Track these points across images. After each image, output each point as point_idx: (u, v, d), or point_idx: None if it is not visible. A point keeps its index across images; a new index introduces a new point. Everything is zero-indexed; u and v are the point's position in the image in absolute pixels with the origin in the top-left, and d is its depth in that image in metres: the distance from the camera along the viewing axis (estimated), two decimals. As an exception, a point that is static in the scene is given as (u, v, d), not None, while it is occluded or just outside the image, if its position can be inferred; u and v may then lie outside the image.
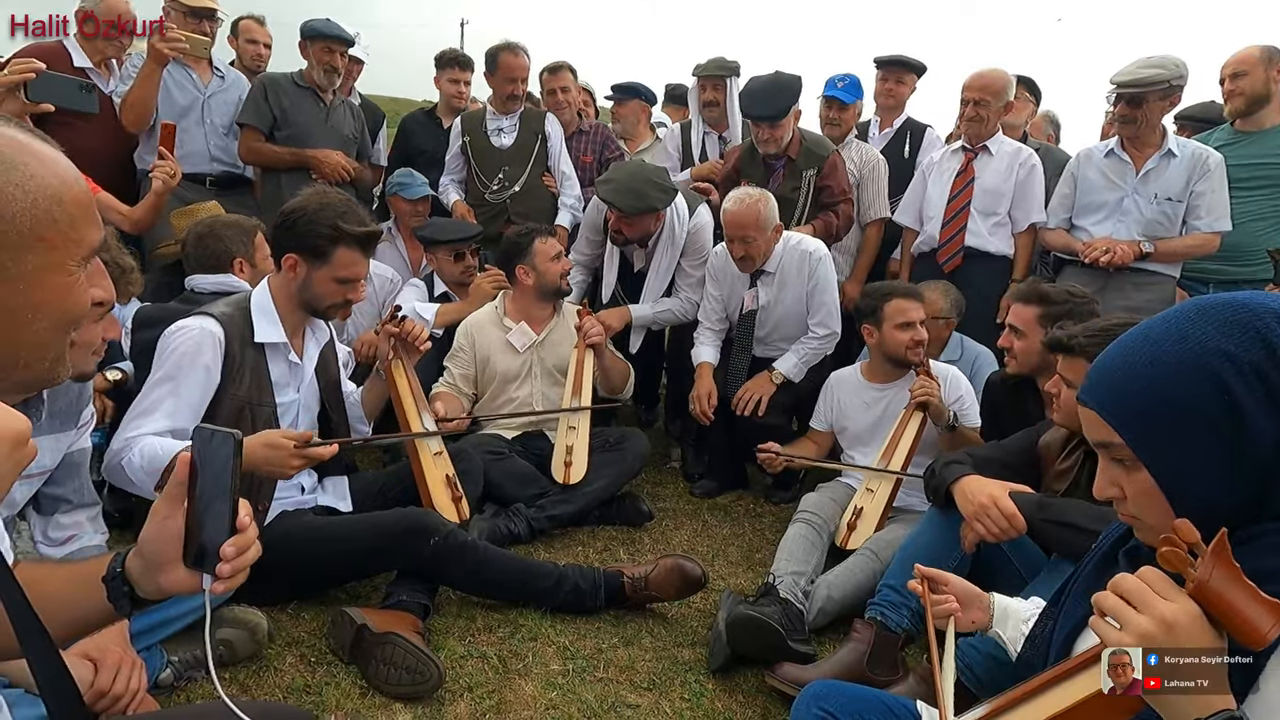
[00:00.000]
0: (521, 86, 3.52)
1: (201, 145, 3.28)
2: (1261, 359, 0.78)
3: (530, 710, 1.63)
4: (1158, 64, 2.86)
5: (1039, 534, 1.58)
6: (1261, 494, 0.78)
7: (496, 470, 2.47)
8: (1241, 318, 0.80)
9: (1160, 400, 0.81)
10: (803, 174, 3.13)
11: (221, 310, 1.83)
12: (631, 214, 2.88)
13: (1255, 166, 2.95)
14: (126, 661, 1.34)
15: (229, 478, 0.80)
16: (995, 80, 3.15)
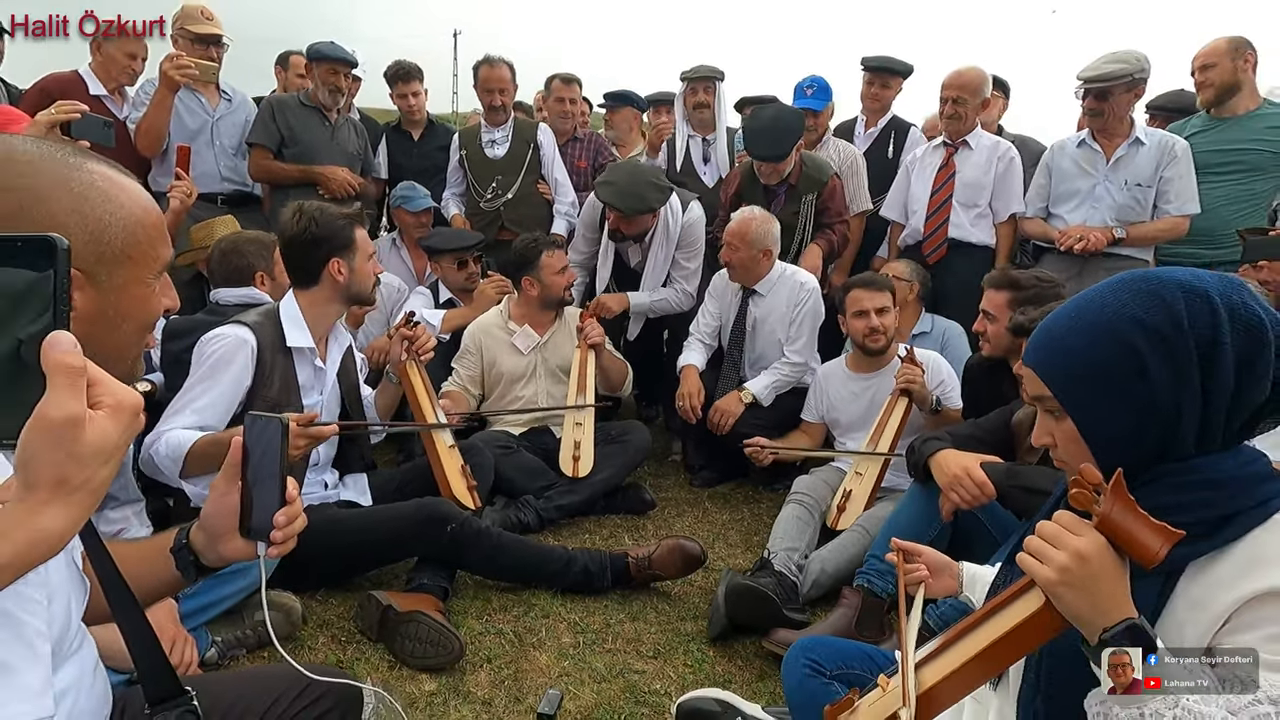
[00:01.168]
0: (501, 97, 3.65)
1: (212, 166, 3.43)
2: (1164, 324, 0.89)
3: (545, 677, 1.77)
4: (1121, 59, 3.00)
5: (1008, 499, 1.71)
6: (1164, 442, 0.91)
7: (506, 464, 2.62)
8: (1152, 288, 0.91)
9: (1081, 360, 0.94)
10: (802, 199, 3.26)
11: (254, 319, 1.98)
12: (631, 214, 3.03)
13: (1228, 152, 3.07)
14: (180, 637, 1.49)
15: (278, 457, 0.91)
16: (973, 79, 3.29)
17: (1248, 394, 0.87)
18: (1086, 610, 0.84)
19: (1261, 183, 3.05)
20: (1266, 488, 0.89)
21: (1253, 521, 0.87)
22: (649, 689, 1.75)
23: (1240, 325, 0.87)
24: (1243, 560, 0.85)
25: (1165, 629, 0.88)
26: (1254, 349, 0.86)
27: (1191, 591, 0.88)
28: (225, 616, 1.77)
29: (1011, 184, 3.29)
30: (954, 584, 1.37)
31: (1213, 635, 0.85)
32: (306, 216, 2.03)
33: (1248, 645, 0.82)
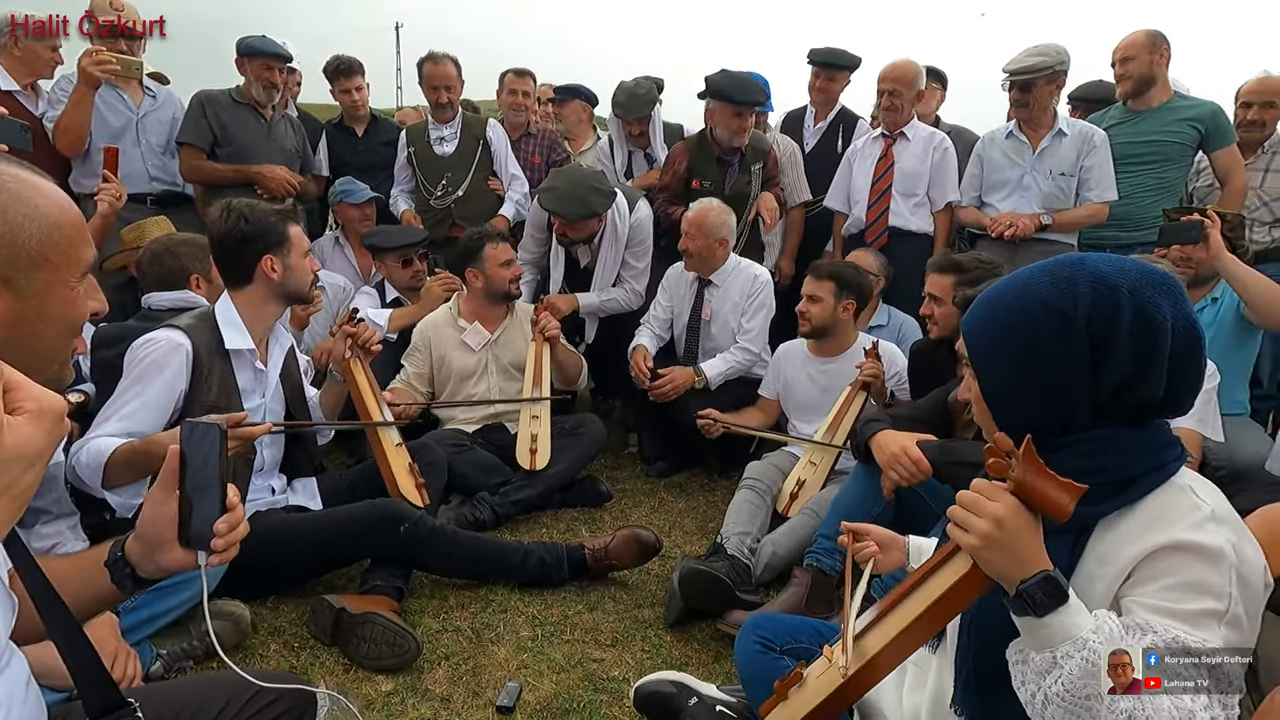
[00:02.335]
0: (447, 94, 3.62)
1: (139, 166, 3.29)
2: (1066, 307, 0.95)
3: (504, 670, 1.78)
4: (1043, 52, 3.15)
5: (943, 474, 1.79)
6: (1054, 412, 0.98)
7: (460, 461, 2.60)
8: (1069, 274, 0.97)
9: (993, 328, 1.02)
10: (751, 168, 3.34)
11: (188, 322, 1.92)
12: (574, 220, 3.04)
13: (1144, 143, 3.23)
14: (122, 651, 1.45)
15: (217, 463, 0.91)
16: (907, 71, 3.40)
17: (1140, 387, 0.94)
18: (1007, 567, 0.90)
19: (1173, 171, 3.23)
20: (1166, 453, 0.97)
21: (1153, 484, 0.95)
22: (607, 676, 1.78)
23: (1140, 323, 0.93)
24: (1144, 519, 0.93)
25: (1077, 582, 0.95)
26: (1149, 347, 0.93)
27: (1099, 548, 0.95)
28: (171, 628, 1.71)
29: (947, 174, 3.42)
30: (901, 557, 1.44)
31: (1118, 587, 0.93)
32: (235, 214, 1.97)
33: (1148, 595, 0.90)
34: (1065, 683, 0.85)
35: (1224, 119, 3.19)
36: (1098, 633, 0.86)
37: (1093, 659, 0.84)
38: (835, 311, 2.67)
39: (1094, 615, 0.88)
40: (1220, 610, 0.86)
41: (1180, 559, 0.88)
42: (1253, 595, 0.89)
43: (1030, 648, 0.90)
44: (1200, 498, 0.93)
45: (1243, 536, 0.92)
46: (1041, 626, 0.88)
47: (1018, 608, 0.90)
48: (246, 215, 1.96)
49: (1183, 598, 0.87)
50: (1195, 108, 3.19)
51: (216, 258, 2.02)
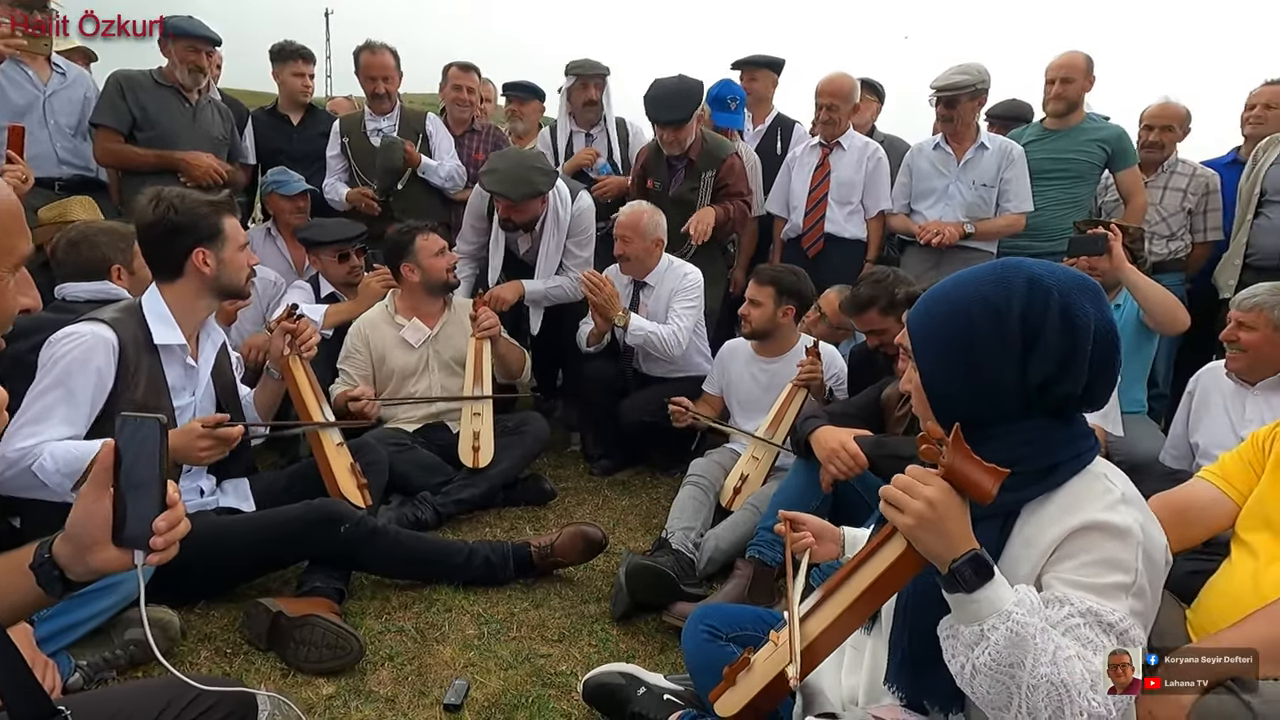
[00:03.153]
0: (383, 84, 3.56)
1: (47, 147, 3.09)
2: (1001, 306, 1.03)
3: (451, 669, 1.76)
4: (966, 70, 3.35)
5: (879, 467, 1.89)
6: (985, 404, 1.06)
7: (401, 461, 2.55)
8: (1007, 275, 1.05)
9: (934, 321, 1.09)
10: (702, 175, 3.36)
11: (113, 316, 1.81)
12: (519, 200, 3.02)
13: (1058, 160, 3.46)
14: (38, 663, 1.36)
15: (156, 459, 0.88)
16: (843, 86, 3.53)
17: (1062, 383, 1.02)
18: (939, 548, 0.97)
19: (1082, 187, 3.48)
20: (1083, 443, 1.06)
21: (1071, 471, 1.04)
22: (555, 671, 1.78)
23: (1068, 325, 1.01)
24: (1063, 503, 1.02)
25: (1004, 562, 1.03)
26: (1072, 348, 1.01)
27: (1025, 531, 1.03)
28: (90, 638, 1.62)
29: (880, 183, 3.58)
30: (836, 549, 1.50)
31: (1041, 565, 1.01)
32: (165, 203, 1.87)
33: (1066, 571, 0.98)
34: (991, 653, 0.92)
35: (1129, 142, 3.45)
36: (1020, 605, 0.93)
37: (1016, 629, 0.91)
38: (775, 315, 2.75)
39: (1015, 590, 0.95)
40: (1128, 583, 0.95)
41: (1095, 538, 0.97)
42: (1155, 570, 0.99)
43: (960, 623, 0.97)
44: (1112, 482, 1.03)
45: (1148, 517, 1.02)
46: (970, 602, 0.94)
47: (949, 585, 0.96)
48: (177, 205, 1.86)
49: (1096, 572, 0.96)
50: (1104, 130, 3.44)
51: (144, 248, 1.92)
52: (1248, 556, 1.42)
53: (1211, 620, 1.39)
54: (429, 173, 3.59)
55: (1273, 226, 3.23)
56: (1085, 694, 0.89)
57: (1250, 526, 1.44)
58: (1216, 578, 1.47)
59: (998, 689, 0.93)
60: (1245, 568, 1.41)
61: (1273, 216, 3.24)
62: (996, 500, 0.97)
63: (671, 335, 3.03)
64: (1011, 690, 0.92)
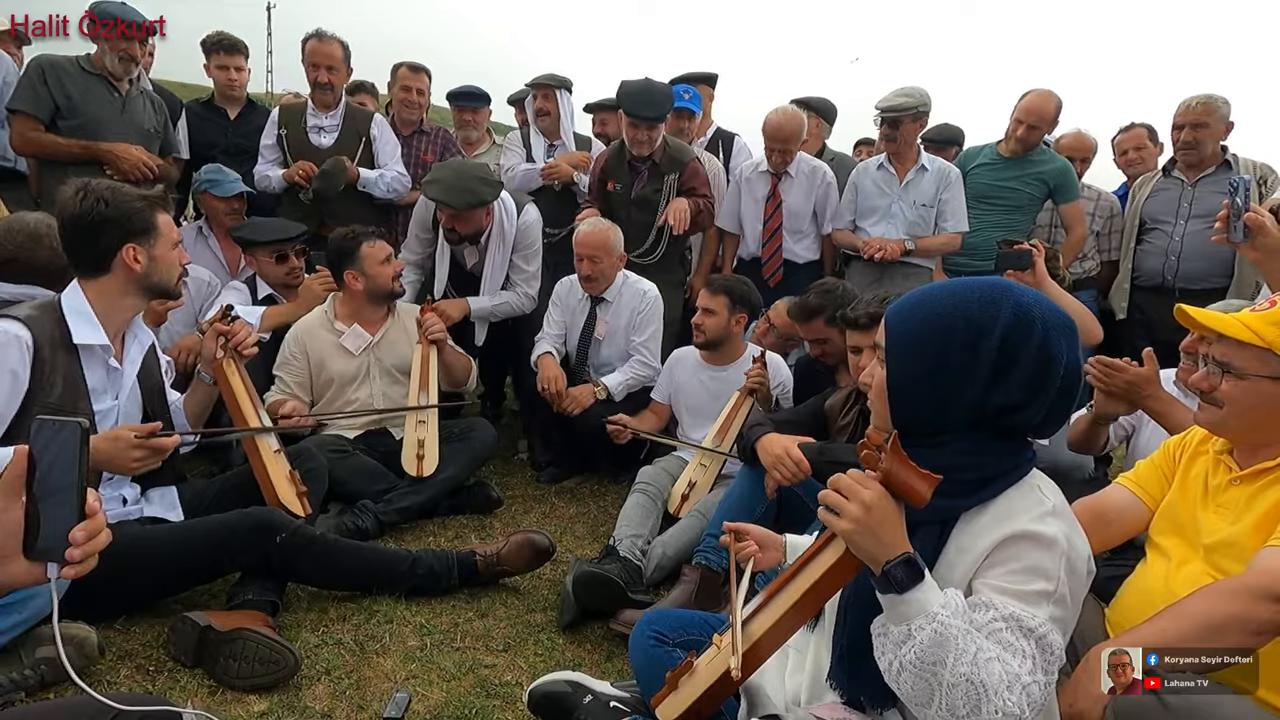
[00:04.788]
0: (328, 75, 3.45)
1: (-42, 135, 2.90)
2: (986, 325, 1.05)
3: (390, 682, 1.71)
4: (909, 93, 3.49)
5: (821, 474, 1.93)
6: (941, 412, 1.09)
7: (341, 468, 2.48)
8: (996, 296, 1.07)
9: (913, 324, 1.10)
10: (665, 177, 3.38)
11: (26, 313, 1.70)
12: (463, 208, 2.98)
13: (1001, 188, 3.63)
14: (-63, 684, 1.26)
15: (75, 465, 0.83)
16: (792, 129, 3.50)
17: (1023, 411, 1.06)
18: (874, 549, 1.00)
19: (1019, 217, 3.64)
20: (1020, 458, 1.10)
21: (1007, 484, 1.08)
22: (500, 681, 1.76)
23: (1043, 359, 1.04)
24: (997, 513, 1.06)
25: (940, 568, 1.07)
26: (1043, 382, 1.05)
27: (960, 539, 1.08)
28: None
29: (830, 206, 3.68)
30: (779, 555, 1.53)
31: (974, 573, 1.05)
32: (94, 195, 1.77)
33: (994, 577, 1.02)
34: (917, 651, 0.96)
35: (1072, 177, 3.65)
36: (946, 608, 0.97)
37: (940, 630, 0.95)
38: (729, 324, 2.80)
39: (944, 593, 0.99)
40: (1050, 591, 1.00)
41: (1023, 546, 1.01)
42: (1077, 580, 1.04)
43: (890, 622, 1.00)
44: (1045, 494, 1.07)
45: (1074, 529, 1.07)
46: (901, 603, 0.98)
47: (882, 586, 1.00)
48: (107, 198, 1.76)
49: (1021, 580, 1.00)
50: (1049, 164, 3.61)
51: (67, 241, 1.81)
52: (1160, 558, 1.51)
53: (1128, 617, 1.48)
54: (369, 186, 3.48)
55: (1154, 249, 3.52)
56: (1001, 694, 0.93)
57: (1162, 530, 1.54)
58: (1133, 578, 1.56)
59: (921, 686, 0.96)
60: (1158, 568, 1.50)
61: (1153, 241, 3.53)
62: (935, 507, 1.01)
63: (645, 370, 3.09)
64: (933, 687, 0.95)
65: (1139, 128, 4.04)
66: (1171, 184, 3.55)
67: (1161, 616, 1.25)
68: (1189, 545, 1.46)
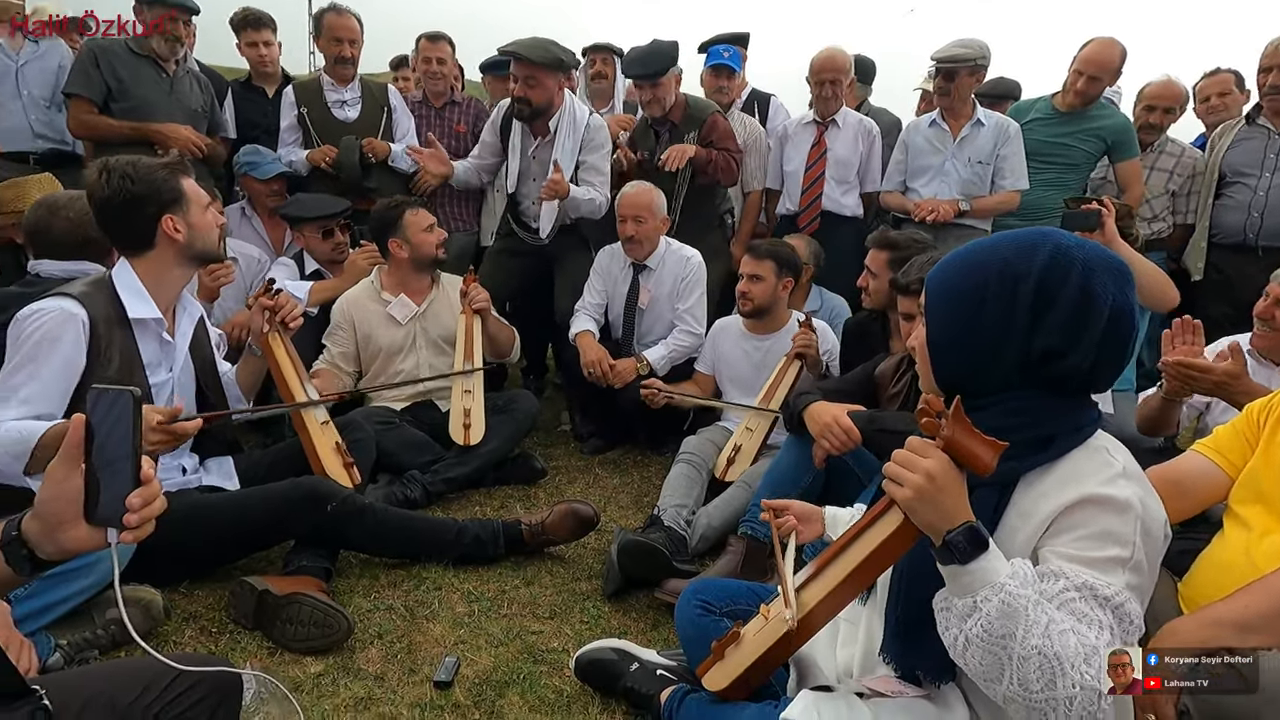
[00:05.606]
0: (349, 49, 3.40)
1: (21, 120, 3.00)
2: (1022, 271, 1.01)
3: (440, 647, 1.74)
4: (968, 45, 3.30)
5: (871, 443, 1.87)
6: (984, 367, 1.04)
7: (388, 439, 2.51)
8: (1033, 240, 1.02)
9: (950, 280, 1.07)
10: (684, 136, 3.30)
11: (80, 290, 1.74)
12: (538, 61, 2.92)
13: (1055, 145, 3.42)
14: (14, 642, 1.33)
15: (129, 433, 0.84)
16: (840, 61, 3.48)
17: (1067, 357, 1.00)
18: (936, 518, 0.95)
19: (1075, 175, 3.45)
20: (1083, 416, 1.04)
21: (1071, 444, 1.01)
22: (546, 648, 1.77)
23: (1082, 297, 0.98)
24: (1061, 476, 1.00)
25: (1000, 534, 1.02)
26: (1083, 321, 0.99)
27: (1021, 503, 1.02)
28: (70, 618, 1.59)
29: (875, 164, 3.57)
30: (820, 529, 1.50)
31: (1037, 539, 0.99)
32: (118, 174, 1.75)
33: (1062, 544, 0.96)
34: (984, 624, 0.91)
35: (1131, 134, 3.41)
36: (1014, 577, 0.92)
37: (1009, 600, 0.90)
38: (776, 289, 2.72)
39: (1010, 562, 0.94)
40: (1126, 558, 0.94)
41: (1092, 511, 0.95)
42: (1154, 545, 0.97)
43: (953, 595, 0.95)
44: (1113, 456, 1.01)
45: (1148, 492, 1.00)
46: (964, 573, 0.93)
47: (944, 556, 0.95)
48: (131, 174, 1.75)
49: (1093, 546, 0.94)
50: (1108, 119, 3.39)
51: (104, 225, 1.81)
52: (1240, 529, 1.42)
53: (1204, 593, 1.39)
54: (397, 160, 3.45)
55: (1235, 204, 3.29)
56: (1079, 667, 0.88)
57: (1243, 499, 1.44)
58: (1209, 550, 1.47)
59: (990, 660, 0.92)
60: (1238, 540, 1.40)
61: (1233, 195, 3.30)
62: (993, 469, 0.96)
63: (690, 340, 3.03)
64: (1003, 661, 0.91)
65: (1225, 73, 3.75)
66: (1256, 133, 3.29)
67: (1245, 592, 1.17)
68: (1273, 515, 1.37)
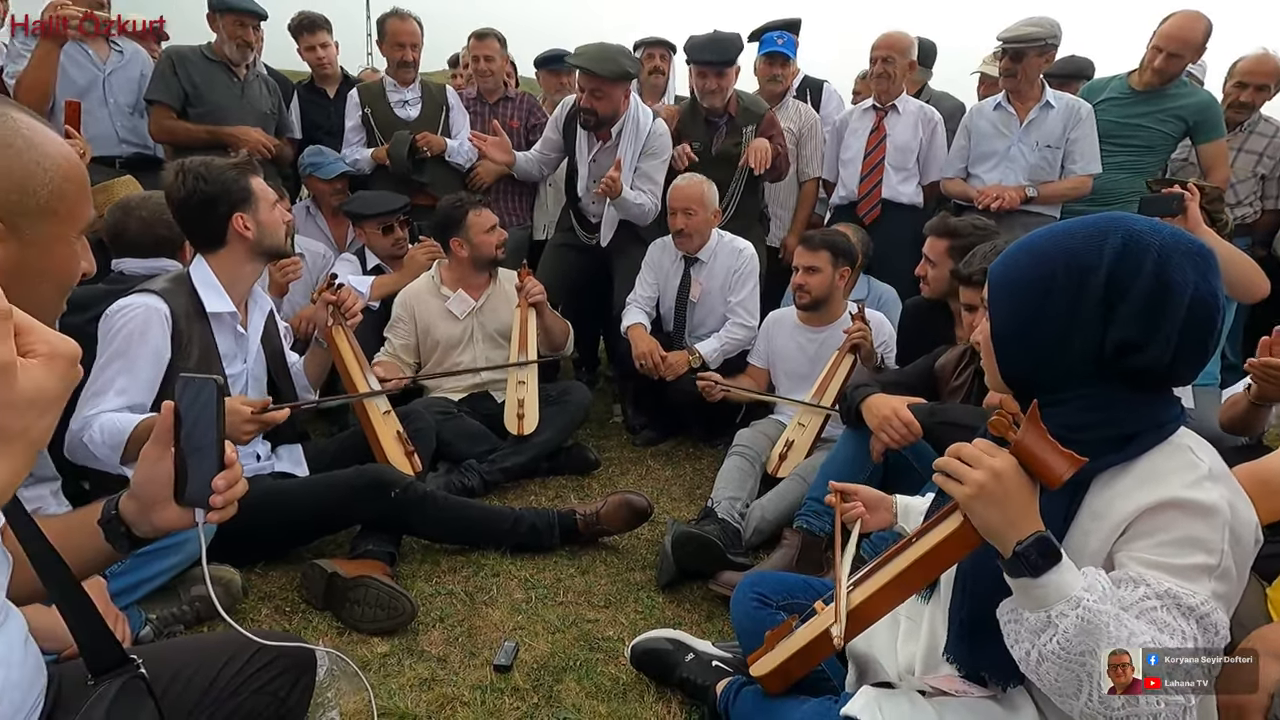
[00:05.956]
0: (411, 52, 3.51)
1: (108, 127, 3.17)
2: (1090, 262, 0.96)
3: (499, 632, 1.79)
4: (1037, 23, 3.15)
5: (933, 436, 1.82)
6: (1066, 366, 0.99)
7: (447, 429, 2.58)
8: (1101, 228, 0.97)
9: (1014, 271, 1.03)
10: (743, 130, 3.28)
11: (163, 286, 1.85)
12: (605, 77, 2.96)
13: (1133, 126, 3.24)
14: (111, 615, 1.42)
15: (214, 420, 0.88)
16: (900, 40, 3.38)
17: (1145, 350, 0.94)
18: (998, 524, 0.92)
19: (1151, 159, 3.27)
20: (1165, 413, 0.98)
21: (1151, 442, 0.96)
22: (602, 636, 1.79)
23: (1159, 286, 0.92)
24: (1140, 476, 0.94)
25: (1072, 536, 0.97)
26: (1162, 311, 0.92)
27: (1095, 504, 0.97)
28: (158, 594, 1.70)
29: (937, 152, 3.44)
30: (889, 517, 1.46)
31: (1112, 543, 0.94)
32: (192, 175, 1.88)
33: (1141, 550, 0.91)
34: (1061, 640, 0.87)
35: (1216, 111, 3.20)
36: (1090, 591, 0.87)
37: (1088, 617, 0.86)
38: (833, 280, 2.68)
39: (1083, 574, 0.90)
40: (1212, 565, 0.88)
41: (1175, 515, 0.90)
42: (1243, 551, 0.92)
43: (1024, 607, 0.91)
44: (1198, 456, 0.95)
45: (1237, 494, 0.94)
46: (1036, 587, 0.89)
47: (1013, 569, 0.91)
48: (204, 175, 1.87)
49: (1176, 553, 0.89)
50: (1189, 98, 3.19)
51: (182, 223, 1.94)
52: (1338, 532, 1.33)
53: (1296, 598, 1.31)
54: (454, 154, 3.54)
55: None
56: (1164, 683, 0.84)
57: (1341, 500, 1.35)
58: (1302, 554, 1.38)
59: (1066, 677, 0.88)
60: (1334, 544, 1.31)
61: None
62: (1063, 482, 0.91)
63: (742, 333, 3.01)
64: (1082, 679, 0.87)
65: None
66: None
67: None
68: (1376, 518, 1.27)
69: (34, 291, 0.81)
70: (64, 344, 0.62)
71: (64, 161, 0.81)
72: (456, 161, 3.56)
